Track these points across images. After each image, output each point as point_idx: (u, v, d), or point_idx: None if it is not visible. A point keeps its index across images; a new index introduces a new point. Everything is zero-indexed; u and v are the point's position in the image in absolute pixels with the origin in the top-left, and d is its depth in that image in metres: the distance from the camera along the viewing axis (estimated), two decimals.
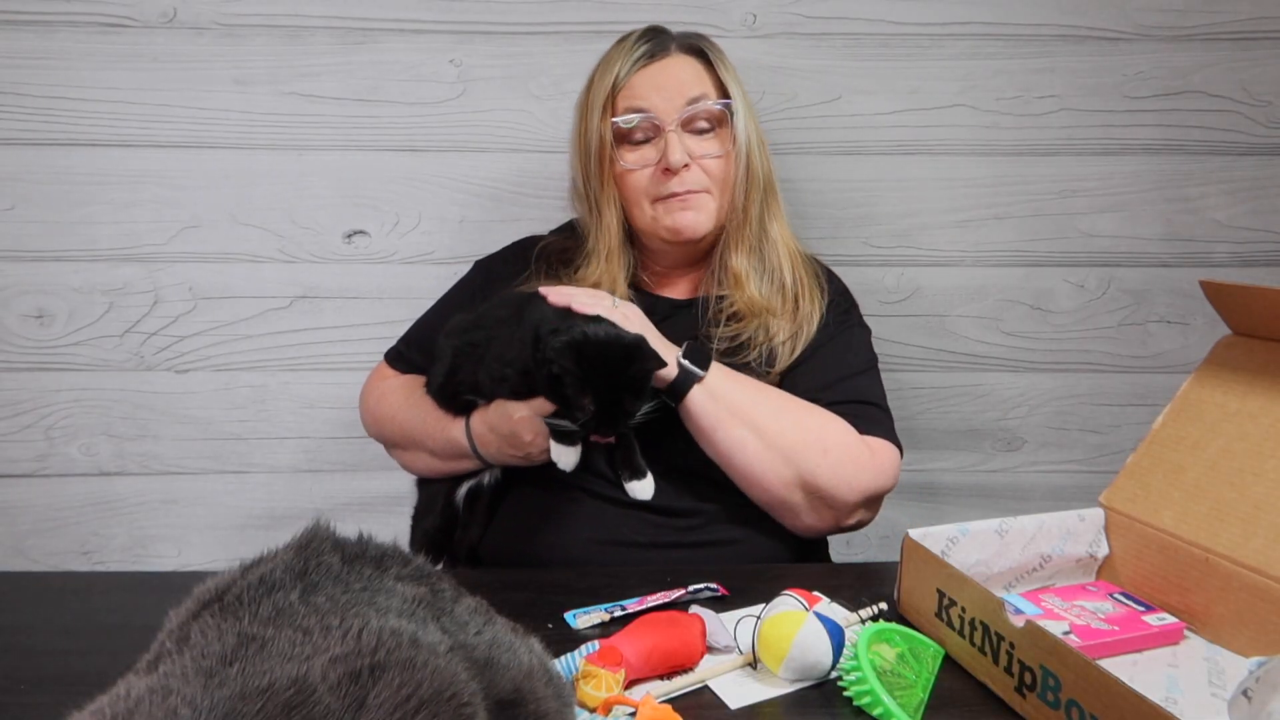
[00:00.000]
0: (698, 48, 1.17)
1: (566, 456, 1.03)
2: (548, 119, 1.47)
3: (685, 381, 1.05)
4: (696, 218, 1.15)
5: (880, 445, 1.11)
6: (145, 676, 0.49)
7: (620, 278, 1.19)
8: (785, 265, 1.19)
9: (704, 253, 1.22)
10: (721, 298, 1.17)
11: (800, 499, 1.07)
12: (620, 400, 0.98)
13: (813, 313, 1.17)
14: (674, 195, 1.14)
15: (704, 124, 1.15)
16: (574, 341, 0.96)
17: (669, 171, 1.12)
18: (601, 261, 1.19)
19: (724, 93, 1.16)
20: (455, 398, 1.13)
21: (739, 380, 1.09)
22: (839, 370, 1.16)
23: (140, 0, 1.41)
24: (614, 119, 1.14)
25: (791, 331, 1.15)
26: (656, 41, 1.16)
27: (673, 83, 1.13)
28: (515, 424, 1.04)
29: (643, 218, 1.17)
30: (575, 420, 0.98)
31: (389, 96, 1.46)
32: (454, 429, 1.12)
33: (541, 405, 1.03)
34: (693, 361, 1.06)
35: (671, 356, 1.05)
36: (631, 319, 1.05)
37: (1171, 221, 1.53)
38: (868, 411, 1.13)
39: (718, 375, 1.07)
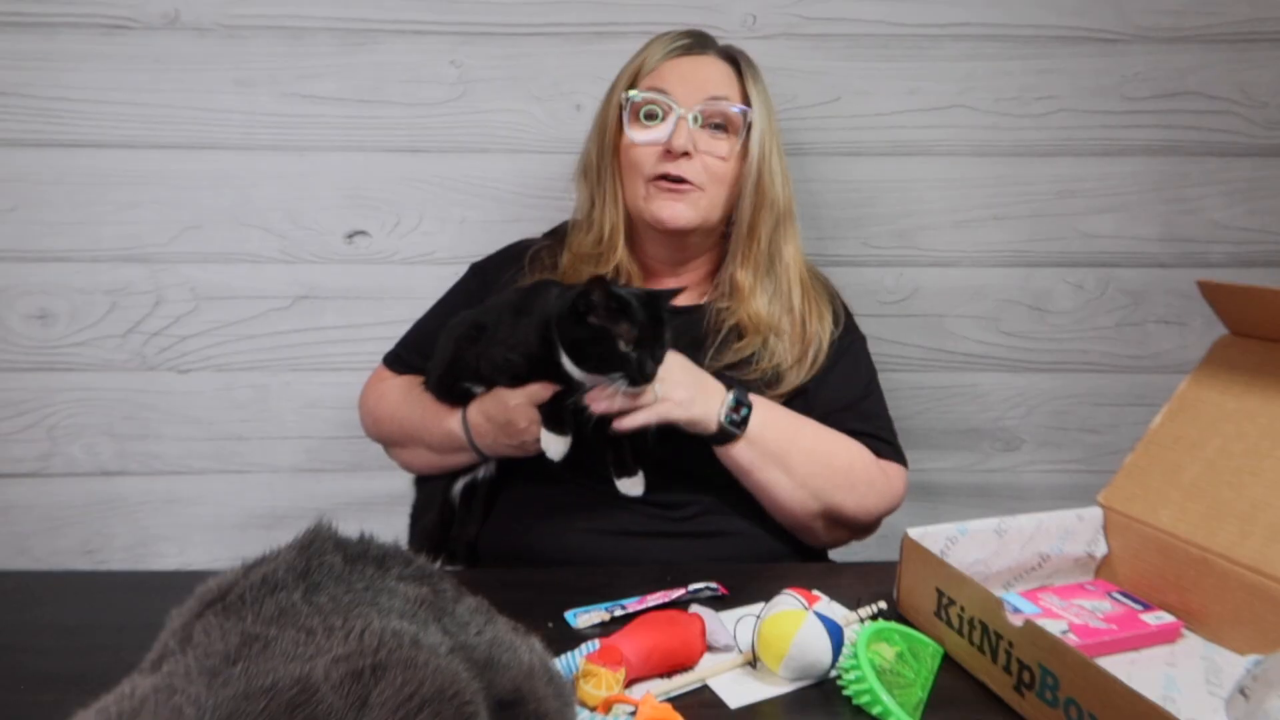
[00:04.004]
0: (734, 57, 1.18)
1: (556, 445, 1.04)
2: (548, 120, 1.48)
3: (726, 436, 1.06)
4: (683, 211, 1.14)
5: (893, 469, 1.17)
6: (149, 676, 0.49)
7: (610, 262, 1.19)
8: (795, 289, 1.20)
9: (693, 254, 1.23)
10: (722, 310, 1.18)
11: (821, 525, 1.13)
12: (659, 328, 0.98)
13: (821, 333, 1.19)
14: (667, 180, 1.13)
15: (718, 125, 1.15)
16: (599, 279, 0.96)
17: (670, 154, 1.12)
18: (600, 232, 1.19)
19: (747, 103, 1.16)
20: (454, 388, 1.14)
21: (776, 422, 1.09)
22: (851, 393, 1.19)
23: (142, 2, 1.41)
24: (629, 91, 1.14)
25: (798, 354, 1.17)
26: (697, 40, 1.17)
27: (699, 78, 1.14)
28: (511, 411, 1.05)
29: (635, 195, 1.17)
30: (620, 367, 0.96)
31: (390, 97, 1.46)
32: (451, 421, 1.13)
33: (537, 392, 1.03)
34: (738, 401, 1.06)
35: (714, 412, 1.05)
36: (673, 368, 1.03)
37: (1170, 222, 1.53)
38: (881, 434, 1.18)
39: (757, 421, 1.07)
